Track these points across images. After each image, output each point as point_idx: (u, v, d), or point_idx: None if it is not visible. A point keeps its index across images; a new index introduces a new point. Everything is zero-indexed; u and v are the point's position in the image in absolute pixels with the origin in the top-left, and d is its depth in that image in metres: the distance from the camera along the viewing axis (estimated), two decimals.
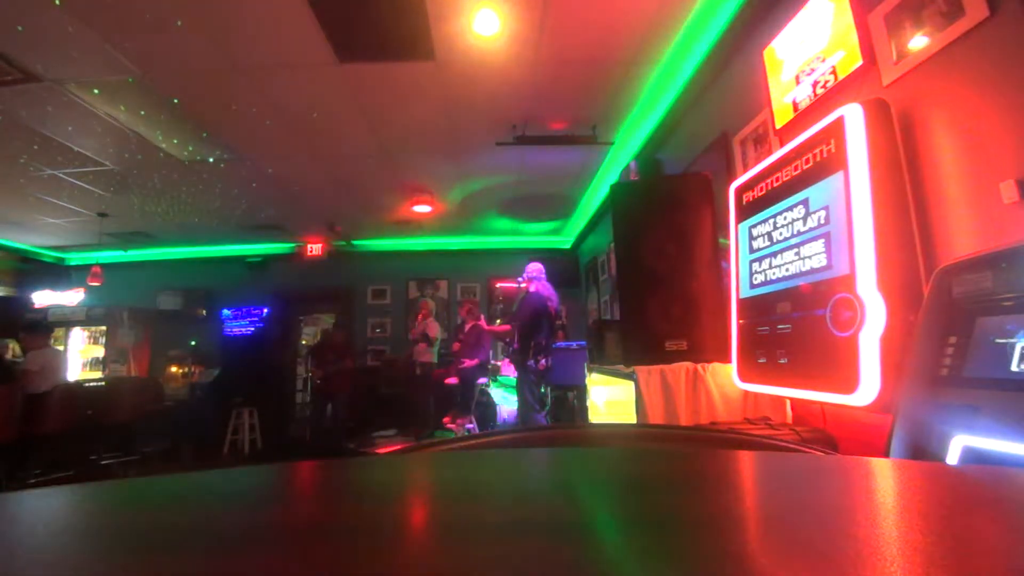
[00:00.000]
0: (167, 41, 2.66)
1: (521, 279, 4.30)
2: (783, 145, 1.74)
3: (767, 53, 2.13)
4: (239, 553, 0.27)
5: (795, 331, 1.56)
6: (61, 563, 0.26)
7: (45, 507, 0.38)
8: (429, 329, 5.95)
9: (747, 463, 0.55)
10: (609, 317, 5.12)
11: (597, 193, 5.30)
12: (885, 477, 0.46)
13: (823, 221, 1.46)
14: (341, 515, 0.36)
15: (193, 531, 0.31)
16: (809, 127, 1.56)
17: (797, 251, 1.58)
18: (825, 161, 1.47)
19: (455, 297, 7.42)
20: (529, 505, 0.38)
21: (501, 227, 6.76)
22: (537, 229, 6.93)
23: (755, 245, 1.81)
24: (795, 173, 1.60)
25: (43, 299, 6.84)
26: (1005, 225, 1.22)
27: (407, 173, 4.76)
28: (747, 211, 1.87)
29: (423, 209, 5.53)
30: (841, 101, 1.64)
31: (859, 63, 1.64)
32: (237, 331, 7.06)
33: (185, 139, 3.83)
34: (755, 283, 1.80)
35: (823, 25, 1.81)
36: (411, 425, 5.88)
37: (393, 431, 6.17)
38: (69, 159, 4.03)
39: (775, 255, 1.69)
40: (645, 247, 2.25)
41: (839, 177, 1.40)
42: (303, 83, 3.13)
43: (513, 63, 2.95)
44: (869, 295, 1.29)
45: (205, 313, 7.24)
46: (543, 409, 4.18)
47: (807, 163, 1.55)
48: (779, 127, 2.08)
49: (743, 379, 1.84)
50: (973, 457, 0.82)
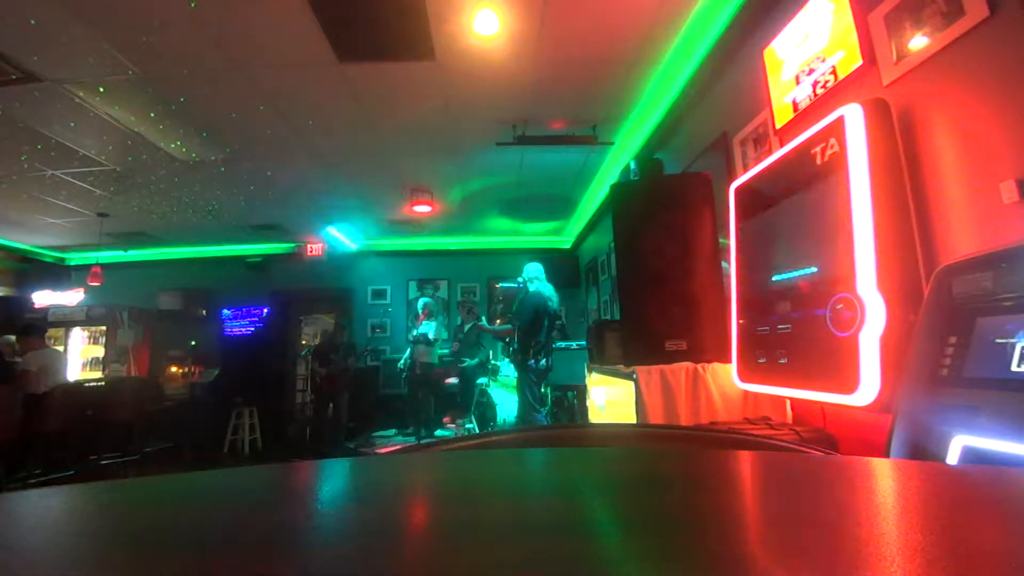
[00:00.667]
0: (167, 41, 2.66)
1: (521, 279, 4.30)
2: (783, 145, 1.74)
3: (767, 53, 2.13)
4: (239, 553, 0.27)
5: (795, 331, 1.56)
6: (61, 563, 0.26)
7: (45, 507, 0.38)
8: (430, 330, 5.95)
9: (747, 463, 0.55)
10: (609, 317, 5.13)
11: (597, 193, 5.30)
12: (885, 477, 0.46)
13: (823, 221, 1.46)
14: (341, 515, 0.36)
15: (193, 531, 0.31)
16: (809, 127, 1.56)
17: (797, 251, 1.58)
18: (825, 161, 1.47)
19: (455, 297, 7.42)
20: (529, 505, 0.38)
21: (501, 227, 6.76)
22: (537, 229, 6.94)
23: (755, 245, 1.81)
24: (795, 173, 1.60)
25: (43, 299, 6.84)
26: (1005, 225, 1.22)
27: (407, 173, 4.76)
28: (747, 211, 1.87)
29: (423, 209, 5.54)
30: (841, 101, 1.63)
31: (859, 63, 1.64)
32: (237, 331, 7.06)
33: (185, 139, 3.83)
34: (755, 283, 1.80)
35: (823, 25, 1.81)
36: (411, 425, 5.88)
37: (393, 431, 6.17)
38: (69, 159, 4.03)
39: (775, 255, 1.69)
40: (645, 247, 2.25)
41: (839, 177, 1.40)
42: (303, 83, 3.13)
43: (513, 63, 2.95)
44: (869, 295, 1.28)
45: (205, 313, 7.24)
46: (543, 409, 4.18)
47: (807, 163, 1.54)
48: (779, 127, 2.08)
49: (743, 379, 1.84)
50: (973, 457, 0.82)
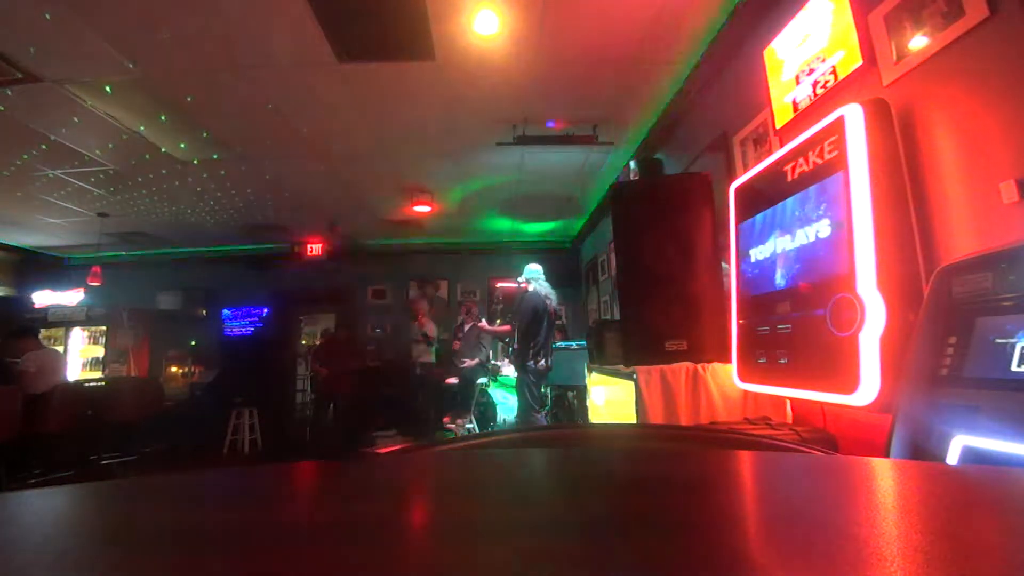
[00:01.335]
0: (167, 41, 2.65)
1: (521, 279, 4.30)
2: (783, 145, 1.75)
3: (767, 53, 2.13)
4: (239, 553, 0.27)
5: (795, 331, 1.56)
6: (61, 563, 0.26)
7: (45, 507, 0.38)
8: (428, 329, 5.95)
9: (747, 463, 0.55)
10: (609, 317, 5.13)
11: (597, 193, 5.30)
12: (885, 477, 0.46)
13: (823, 221, 1.46)
14: (341, 515, 0.36)
15: (192, 531, 0.31)
16: (809, 127, 1.56)
17: (797, 251, 1.58)
18: (825, 161, 1.47)
19: (455, 297, 7.41)
20: (529, 505, 0.38)
21: (501, 227, 6.76)
22: (537, 229, 6.93)
23: (755, 245, 1.81)
24: (795, 173, 1.60)
25: (43, 299, 6.84)
26: (1005, 225, 1.22)
27: (407, 173, 4.76)
28: (747, 211, 1.87)
29: (423, 209, 5.53)
30: (841, 101, 1.63)
31: (859, 63, 1.64)
32: (237, 331, 7.06)
33: (185, 139, 3.83)
34: (755, 283, 1.80)
35: (823, 25, 1.81)
36: (411, 425, 5.88)
37: (393, 431, 6.17)
38: (69, 159, 4.03)
39: (775, 255, 1.69)
40: (645, 247, 2.25)
41: (839, 177, 1.40)
42: (303, 83, 3.13)
43: (513, 63, 2.95)
44: (869, 295, 1.29)
45: (205, 313, 7.24)
46: (543, 409, 4.18)
47: (807, 163, 1.55)
48: (779, 127, 2.08)
49: (743, 379, 1.84)
50: (973, 457, 0.82)
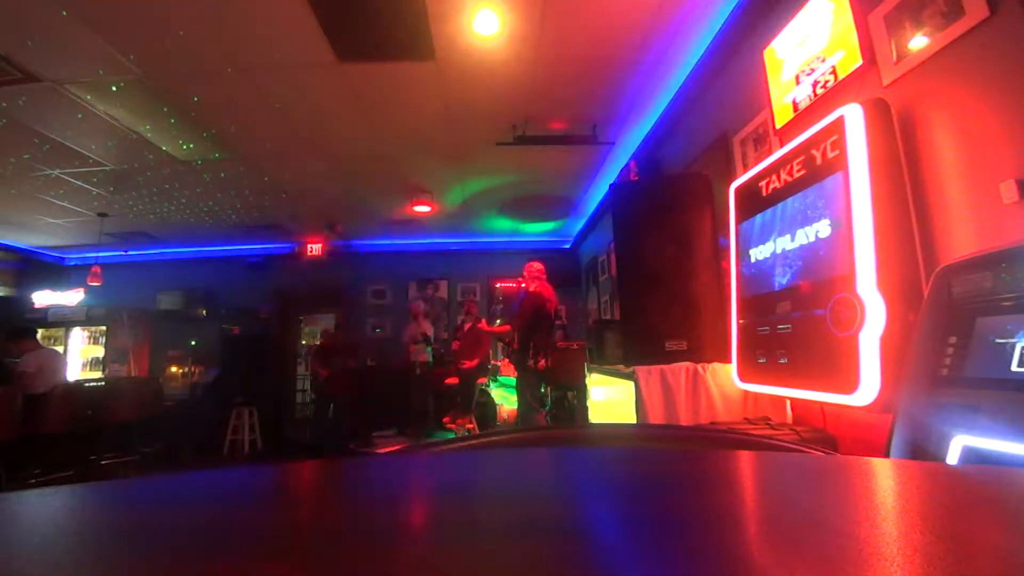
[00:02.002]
0: (167, 41, 2.65)
1: (521, 279, 4.30)
2: (783, 145, 1.75)
3: (767, 53, 2.13)
4: (239, 554, 0.27)
5: (795, 331, 1.56)
6: (61, 563, 0.26)
7: (45, 507, 0.38)
8: (427, 329, 5.96)
9: (747, 463, 0.55)
10: (609, 317, 5.13)
11: (597, 193, 5.30)
12: (885, 477, 0.46)
13: (823, 221, 1.47)
14: (341, 515, 0.36)
15: (193, 531, 0.31)
16: (809, 127, 1.56)
17: (797, 251, 1.58)
18: (825, 161, 1.47)
19: (455, 297, 7.41)
20: (529, 505, 0.38)
21: (501, 227, 6.76)
22: (537, 229, 6.94)
23: (755, 245, 1.81)
24: (795, 173, 1.60)
25: (43, 299, 6.84)
26: (1005, 225, 1.22)
27: (407, 173, 4.76)
28: (747, 211, 1.87)
29: (423, 209, 5.54)
30: (841, 101, 1.64)
31: (859, 63, 1.64)
32: (237, 331, 7.05)
33: (185, 139, 3.83)
34: (755, 283, 1.80)
35: (823, 25, 1.81)
36: (411, 425, 5.88)
37: (393, 431, 6.17)
38: (69, 159, 4.03)
39: (775, 255, 1.69)
40: (645, 247, 2.25)
41: (839, 177, 1.40)
42: (303, 83, 3.13)
43: (513, 63, 2.95)
44: (869, 295, 1.29)
45: (205, 313, 7.24)
46: (543, 409, 4.18)
47: (807, 163, 1.55)
48: (779, 127, 2.08)
49: (743, 379, 1.84)
50: (973, 457, 0.82)
